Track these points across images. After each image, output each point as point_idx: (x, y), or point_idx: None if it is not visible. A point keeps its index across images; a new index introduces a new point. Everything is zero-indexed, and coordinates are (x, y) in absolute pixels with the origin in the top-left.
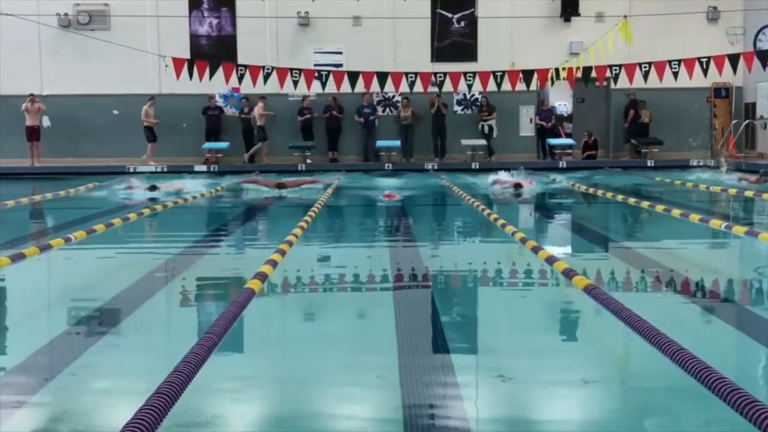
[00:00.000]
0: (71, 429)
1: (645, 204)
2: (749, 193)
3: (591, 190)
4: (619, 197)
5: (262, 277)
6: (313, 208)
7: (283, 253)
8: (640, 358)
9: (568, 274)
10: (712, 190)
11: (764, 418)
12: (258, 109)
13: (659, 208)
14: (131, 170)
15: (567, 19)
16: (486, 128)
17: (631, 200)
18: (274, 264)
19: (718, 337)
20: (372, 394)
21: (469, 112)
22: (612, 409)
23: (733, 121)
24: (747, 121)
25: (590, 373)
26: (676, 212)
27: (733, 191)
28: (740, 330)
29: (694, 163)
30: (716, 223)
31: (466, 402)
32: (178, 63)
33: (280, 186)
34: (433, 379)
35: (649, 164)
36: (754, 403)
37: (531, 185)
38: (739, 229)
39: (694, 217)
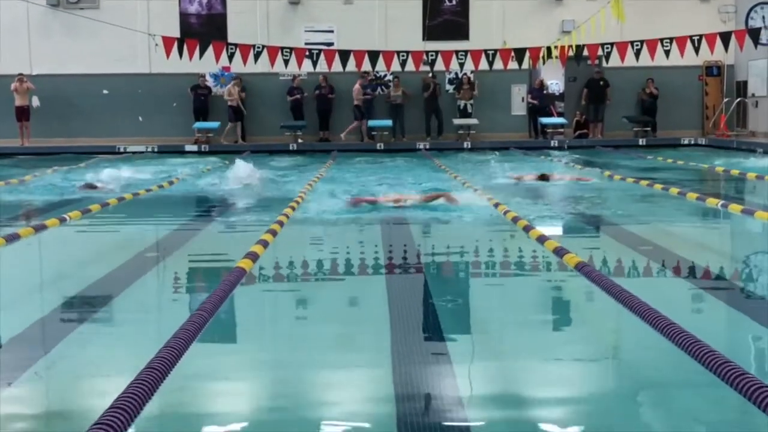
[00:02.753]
0: (61, 404)
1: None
2: None
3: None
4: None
5: (253, 256)
6: (302, 191)
7: (274, 233)
8: (634, 337)
9: (560, 251)
10: None
11: (757, 391)
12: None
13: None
14: (122, 150)
15: None
16: (469, 107)
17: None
18: (265, 244)
19: None
20: (363, 373)
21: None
22: (609, 390)
23: (725, 100)
24: (738, 99)
25: (585, 353)
26: None
27: None
28: None
29: (686, 142)
30: None
31: (458, 378)
32: (167, 42)
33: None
34: (425, 359)
35: (640, 143)
36: (745, 376)
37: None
38: None
39: None
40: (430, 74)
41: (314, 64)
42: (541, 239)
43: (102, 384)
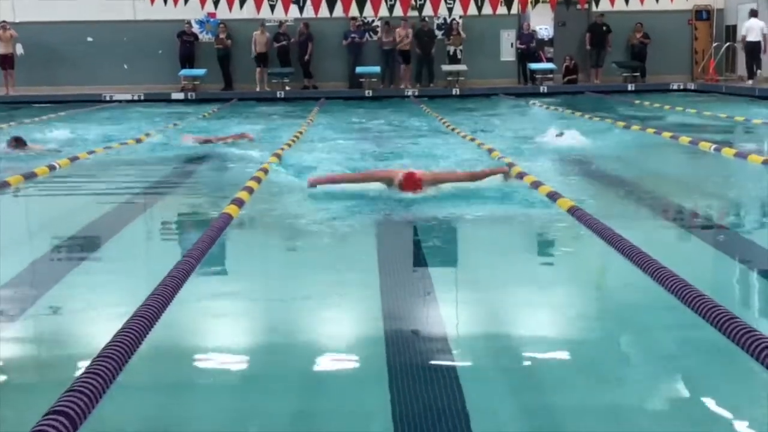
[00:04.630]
0: (50, 353)
1: None
2: None
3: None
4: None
5: (239, 202)
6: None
7: (258, 180)
8: (623, 279)
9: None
10: None
11: (746, 336)
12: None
13: None
14: (107, 98)
15: None
16: (458, 53)
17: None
18: (250, 191)
19: None
20: (353, 307)
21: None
22: (596, 328)
23: (714, 44)
24: (728, 44)
25: (573, 293)
26: None
27: None
28: None
29: (675, 87)
30: None
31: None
32: None
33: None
34: (413, 295)
35: (629, 88)
36: (734, 320)
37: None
38: None
39: None
40: (425, 19)
41: (300, 9)
42: (536, 184)
43: (91, 330)
